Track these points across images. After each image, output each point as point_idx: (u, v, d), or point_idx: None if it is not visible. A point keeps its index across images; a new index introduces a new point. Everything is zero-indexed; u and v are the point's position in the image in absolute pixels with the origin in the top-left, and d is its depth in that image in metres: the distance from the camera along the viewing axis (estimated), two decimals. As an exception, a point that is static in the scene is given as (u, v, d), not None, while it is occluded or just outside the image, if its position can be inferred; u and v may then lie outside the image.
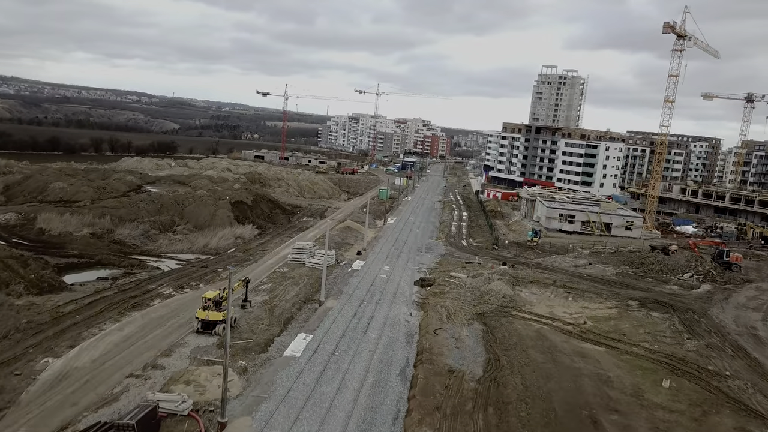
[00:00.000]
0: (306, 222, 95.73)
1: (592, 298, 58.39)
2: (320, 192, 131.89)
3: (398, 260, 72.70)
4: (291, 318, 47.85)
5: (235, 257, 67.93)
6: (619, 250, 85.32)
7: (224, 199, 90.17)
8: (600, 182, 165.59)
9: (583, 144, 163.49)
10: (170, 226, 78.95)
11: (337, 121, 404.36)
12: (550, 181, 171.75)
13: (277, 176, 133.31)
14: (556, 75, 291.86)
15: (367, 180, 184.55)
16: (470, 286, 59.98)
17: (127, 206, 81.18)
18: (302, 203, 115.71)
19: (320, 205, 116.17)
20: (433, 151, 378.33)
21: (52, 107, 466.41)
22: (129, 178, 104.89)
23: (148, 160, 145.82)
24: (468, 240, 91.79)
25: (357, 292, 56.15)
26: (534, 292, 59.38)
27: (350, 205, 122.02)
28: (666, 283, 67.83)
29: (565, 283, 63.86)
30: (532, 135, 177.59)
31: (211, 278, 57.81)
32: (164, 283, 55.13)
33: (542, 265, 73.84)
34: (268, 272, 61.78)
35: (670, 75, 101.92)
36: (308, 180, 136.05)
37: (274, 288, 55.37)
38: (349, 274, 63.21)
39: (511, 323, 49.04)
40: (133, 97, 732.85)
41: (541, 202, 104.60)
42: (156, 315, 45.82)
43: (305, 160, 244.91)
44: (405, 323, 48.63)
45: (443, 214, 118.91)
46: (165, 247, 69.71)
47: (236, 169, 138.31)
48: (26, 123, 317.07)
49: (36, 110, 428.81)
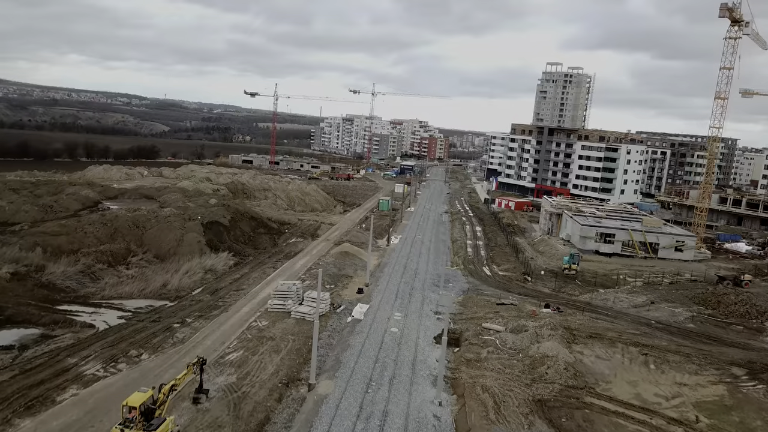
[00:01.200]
0: (295, 245, 79.92)
1: (681, 364, 42.85)
2: (312, 204, 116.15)
3: (411, 301, 57.07)
4: (266, 420, 32.19)
5: (200, 303, 52.07)
6: (676, 279, 70.10)
7: (195, 219, 74.27)
8: (620, 189, 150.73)
9: (602, 147, 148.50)
10: (124, 257, 62.99)
11: (331, 122, 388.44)
12: (564, 188, 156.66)
13: (263, 186, 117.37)
14: (561, 73, 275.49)
15: (363, 187, 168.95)
16: (513, 346, 44.45)
17: (70, 231, 65.09)
18: (291, 219, 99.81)
19: (312, 220, 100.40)
20: (430, 153, 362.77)
21: (39, 110, 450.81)
22: (85, 192, 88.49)
23: (117, 168, 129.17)
24: (491, 266, 76.26)
25: (361, 363, 40.48)
26: (601, 356, 43.81)
27: (347, 219, 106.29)
28: (760, 332, 52.51)
29: (634, 336, 48.38)
30: (545, 137, 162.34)
31: (160, 342, 42.01)
32: (92, 353, 39.32)
33: (593, 306, 58.35)
34: (241, 328, 46.01)
35: (722, 68, 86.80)
36: (299, 190, 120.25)
37: (245, 360, 39.60)
38: (349, 329, 47.57)
39: (591, 422, 33.52)
40: (123, 99, 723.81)
41: (571, 217, 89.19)
42: (55, 427, 30.02)
43: (297, 164, 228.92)
44: (434, 423, 33.05)
45: (454, 230, 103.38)
46: (110, 290, 53.71)
47: (217, 178, 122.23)
48: (8, 126, 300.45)
49: (22, 113, 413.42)
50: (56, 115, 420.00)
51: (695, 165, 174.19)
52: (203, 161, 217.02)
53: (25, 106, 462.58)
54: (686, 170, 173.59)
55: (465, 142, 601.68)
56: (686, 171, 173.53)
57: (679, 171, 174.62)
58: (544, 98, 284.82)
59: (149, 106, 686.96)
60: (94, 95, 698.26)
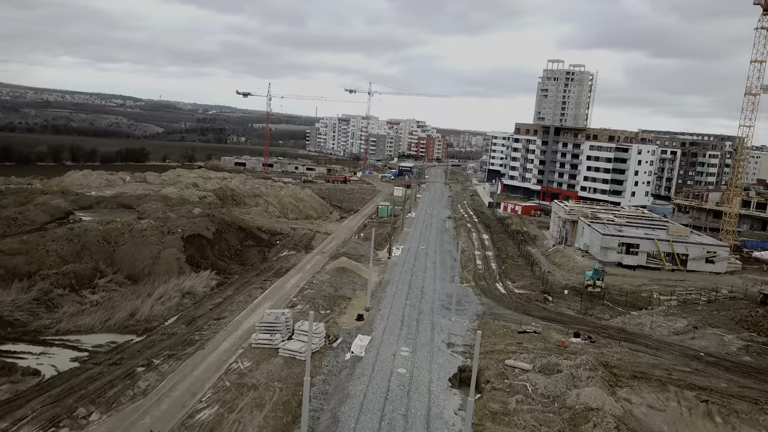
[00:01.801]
0: (287, 258, 72.21)
1: (752, 414, 35.36)
2: (307, 211, 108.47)
3: (419, 330, 49.43)
4: None
5: (172, 337, 44.30)
6: (714, 297, 62.64)
7: (175, 233, 66.47)
8: (631, 191, 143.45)
9: (612, 147, 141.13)
10: (90, 279, 55.21)
11: (326, 122, 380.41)
12: (572, 191, 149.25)
13: (254, 192, 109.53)
14: (563, 71, 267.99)
15: (361, 190, 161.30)
16: (546, 392, 36.87)
17: (30, 249, 57.26)
18: (284, 227, 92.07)
19: (306, 229, 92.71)
20: (428, 153, 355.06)
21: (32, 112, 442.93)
22: (56, 202, 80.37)
23: (98, 174, 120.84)
24: (505, 282, 68.66)
25: (364, 421, 32.80)
26: (653, 405, 36.21)
27: (344, 228, 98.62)
28: (828, 366, 45.03)
29: (686, 375, 40.85)
30: (551, 137, 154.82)
31: (116, 395, 34.27)
32: (29, 412, 31.64)
33: (629, 333, 50.80)
34: (218, 372, 38.31)
35: (753, 61, 79.38)
36: (292, 196, 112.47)
37: (219, 420, 31.91)
38: (347, 371, 39.89)
39: None
40: (118, 100, 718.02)
41: (588, 225, 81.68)
42: None
43: (292, 166, 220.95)
44: None
45: (459, 238, 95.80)
46: (67, 322, 45.88)
47: (205, 184, 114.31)
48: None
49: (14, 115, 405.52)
50: (48, 117, 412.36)
51: (707, 165, 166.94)
52: (194, 164, 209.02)
53: (18, 108, 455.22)
54: (698, 170, 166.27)
55: (462, 141, 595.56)
56: (698, 171, 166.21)
57: (690, 171, 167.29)
58: (546, 96, 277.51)
59: (143, 107, 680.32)
60: (87, 97, 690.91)
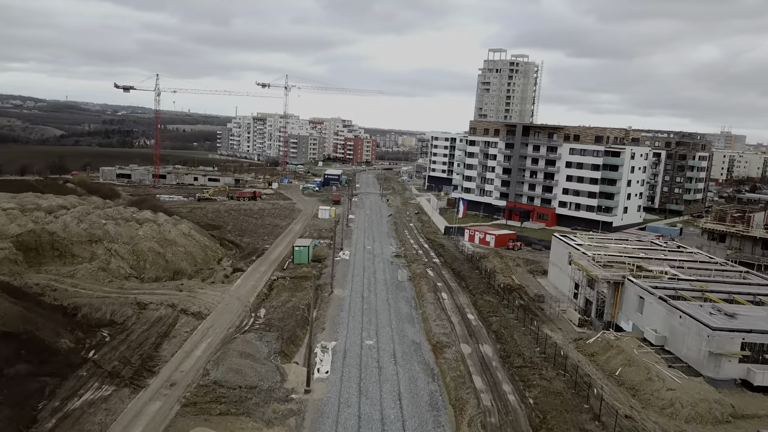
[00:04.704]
0: (80, 419, 32.58)
1: None
2: (178, 262, 68.36)
3: None
4: None
5: None
6: None
7: None
8: (624, 206, 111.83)
9: (600, 151, 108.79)
10: None
11: (240, 122, 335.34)
12: (548, 207, 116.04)
13: (91, 235, 67.96)
14: (506, 61, 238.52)
15: (275, 211, 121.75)
16: None
17: None
18: (124, 303, 51.97)
19: (167, 305, 53.22)
20: (356, 155, 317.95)
21: None
22: None
23: None
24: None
25: None
26: None
27: (232, 297, 59.29)
28: None
29: None
30: (518, 138, 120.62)
31: None
32: None
33: None
34: None
35: None
36: (158, 238, 71.62)
37: None
38: None
39: None
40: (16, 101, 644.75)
41: (666, 302, 46.48)
42: None
43: (190, 177, 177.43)
44: None
45: (425, 308, 59.07)
46: None
47: (15, 220, 71.79)
48: None
49: None
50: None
51: (697, 169, 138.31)
52: (59, 178, 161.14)
53: None
54: (687, 176, 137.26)
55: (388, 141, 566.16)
56: (687, 177, 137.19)
57: (678, 177, 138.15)
58: (488, 90, 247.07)
59: (45, 108, 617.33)
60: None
